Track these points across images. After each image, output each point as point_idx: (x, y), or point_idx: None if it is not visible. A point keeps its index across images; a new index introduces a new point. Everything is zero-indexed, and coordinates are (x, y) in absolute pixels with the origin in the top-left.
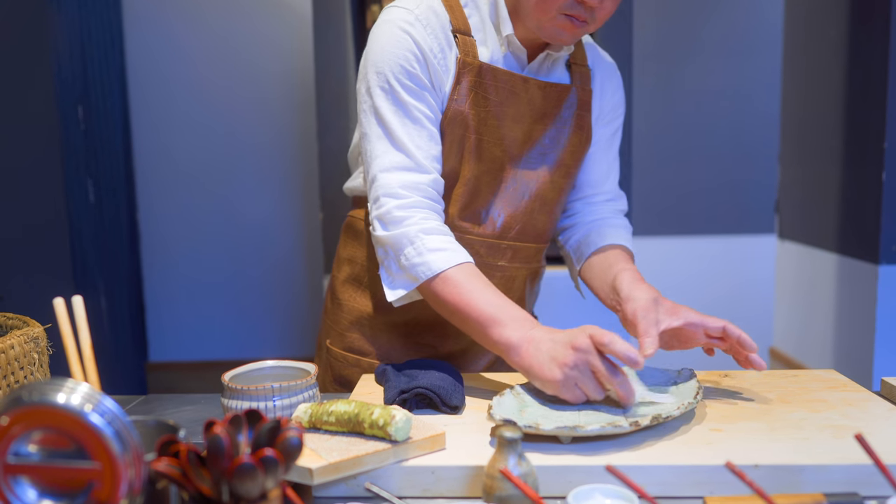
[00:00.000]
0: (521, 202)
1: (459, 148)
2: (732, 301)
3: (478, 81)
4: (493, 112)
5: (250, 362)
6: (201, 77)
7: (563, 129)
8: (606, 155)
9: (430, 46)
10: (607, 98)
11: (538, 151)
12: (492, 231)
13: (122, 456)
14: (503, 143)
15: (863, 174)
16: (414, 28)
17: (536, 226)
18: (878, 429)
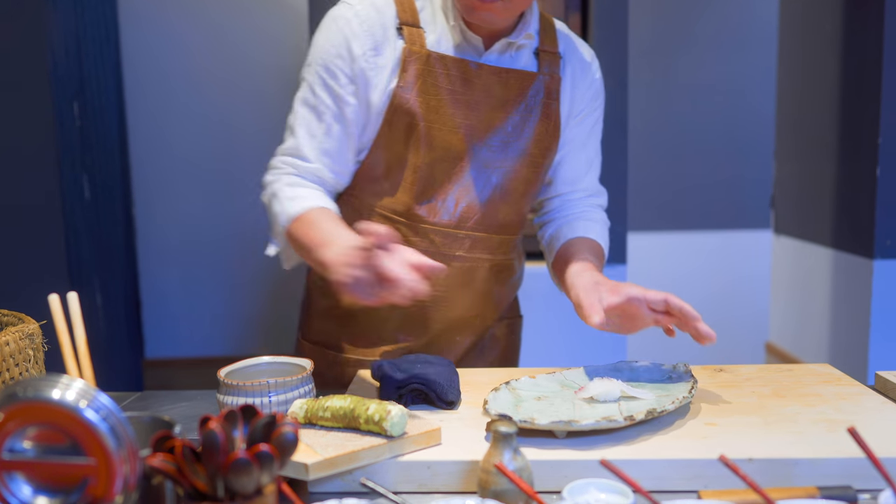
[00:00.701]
0: (482, 192)
1: (406, 136)
2: (728, 296)
3: (425, 70)
4: (445, 100)
5: (247, 359)
6: (197, 73)
7: (528, 118)
8: (584, 151)
9: (362, 43)
10: (581, 90)
11: (500, 140)
12: (448, 220)
13: (117, 452)
14: (458, 131)
15: (857, 169)
16: (349, 25)
17: (498, 216)
18: (871, 422)
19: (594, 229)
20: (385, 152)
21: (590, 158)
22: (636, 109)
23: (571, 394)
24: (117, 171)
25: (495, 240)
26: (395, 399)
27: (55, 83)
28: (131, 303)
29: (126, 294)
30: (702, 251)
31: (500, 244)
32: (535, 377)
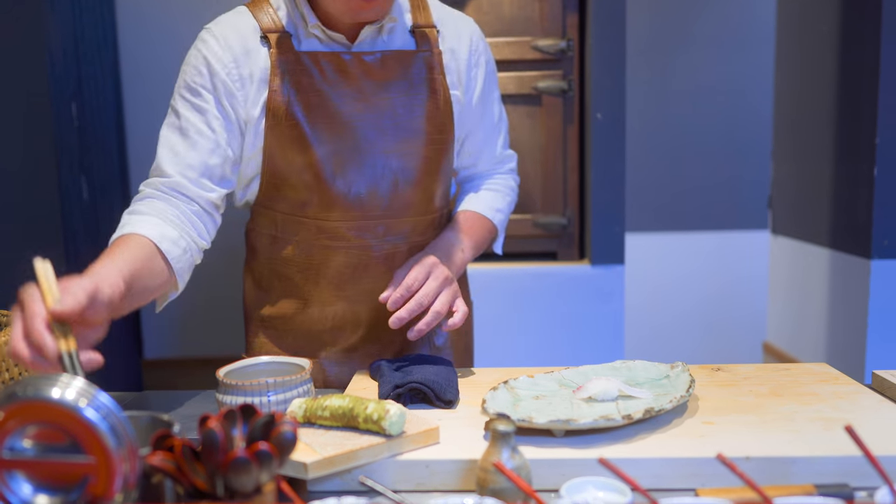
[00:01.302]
0: (383, 177)
1: (293, 138)
2: (726, 296)
3: (298, 70)
4: (326, 95)
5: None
6: None
7: (416, 97)
8: (482, 121)
9: (221, 58)
10: (461, 56)
11: (391, 123)
12: (356, 211)
13: (116, 450)
14: (348, 123)
15: (855, 170)
16: (206, 45)
17: (405, 198)
18: (868, 421)
19: (473, 202)
20: (278, 160)
21: (489, 126)
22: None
23: (570, 393)
24: (115, 172)
25: (408, 223)
26: (394, 398)
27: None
28: None
29: None
30: (699, 252)
31: (415, 226)
32: (533, 376)
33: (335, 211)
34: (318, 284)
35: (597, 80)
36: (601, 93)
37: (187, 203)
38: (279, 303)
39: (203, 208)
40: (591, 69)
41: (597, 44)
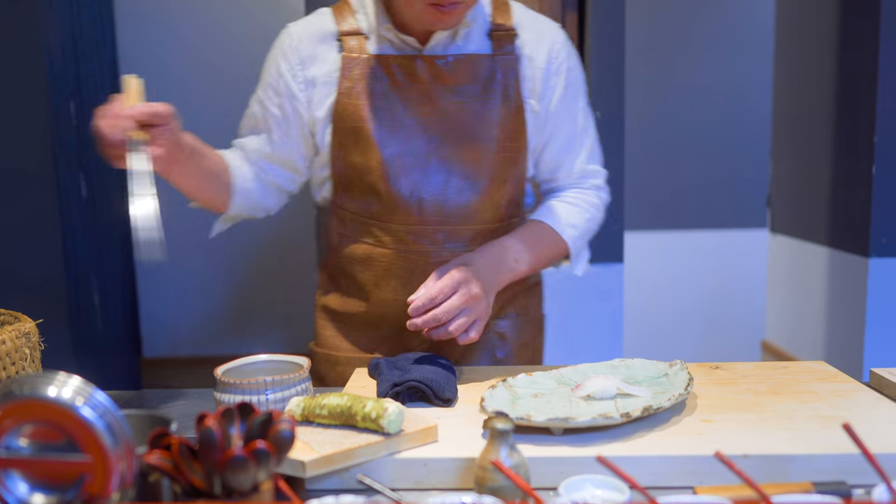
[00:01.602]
0: (445, 184)
1: (356, 140)
2: (725, 295)
3: (368, 73)
4: (393, 98)
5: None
6: (194, 71)
7: (487, 102)
8: (558, 132)
9: (289, 59)
10: (539, 63)
11: (460, 129)
12: (415, 216)
13: (113, 449)
14: (412, 128)
15: (853, 168)
16: (281, 44)
17: (468, 207)
18: (866, 418)
19: (546, 212)
20: (344, 161)
21: (567, 138)
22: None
23: (568, 391)
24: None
25: (467, 231)
26: (392, 397)
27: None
28: (129, 302)
29: (124, 293)
30: (698, 250)
31: (476, 234)
32: (531, 375)
33: (396, 214)
34: (377, 286)
35: (596, 78)
36: (600, 91)
37: (264, 173)
38: (346, 299)
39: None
40: (590, 68)
41: (596, 43)
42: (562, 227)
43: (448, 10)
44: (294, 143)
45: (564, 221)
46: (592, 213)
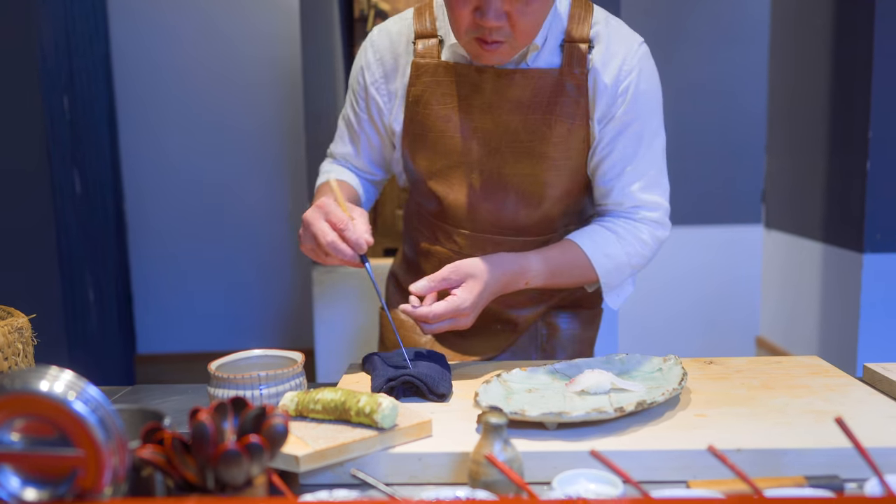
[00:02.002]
0: (497, 196)
1: (421, 145)
2: (719, 291)
3: (434, 81)
4: (455, 107)
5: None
6: (187, 66)
7: (550, 118)
8: (613, 154)
9: (373, 72)
10: (606, 80)
11: (516, 144)
12: (468, 223)
13: (105, 443)
14: (473, 137)
15: (848, 163)
16: (365, 55)
17: (518, 220)
18: (859, 413)
19: (585, 235)
20: (410, 161)
21: (622, 161)
22: None
23: (562, 386)
24: (108, 165)
25: (517, 242)
26: (387, 392)
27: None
28: (123, 298)
29: (118, 289)
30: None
31: (525, 246)
32: (525, 370)
33: (454, 219)
34: None
35: None
36: None
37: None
38: (408, 277)
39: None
40: None
41: None
42: (595, 256)
43: (490, 48)
44: (381, 146)
45: (601, 251)
46: (637, 248)
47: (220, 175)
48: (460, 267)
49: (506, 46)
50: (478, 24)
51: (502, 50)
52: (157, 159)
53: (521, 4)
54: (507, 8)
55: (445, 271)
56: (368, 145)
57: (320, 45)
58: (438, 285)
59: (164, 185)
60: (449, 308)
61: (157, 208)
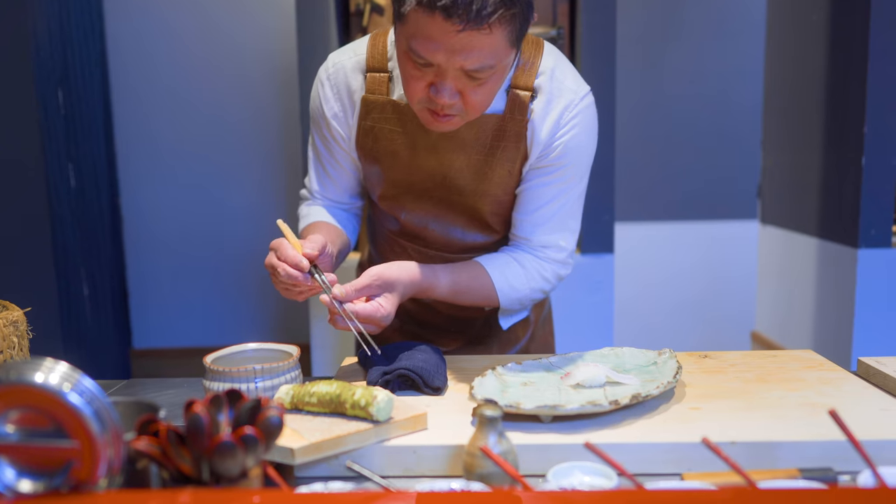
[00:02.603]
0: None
1: (372, 172)
2: (715, 286)
3: (382, 117)
4: (404, 143)
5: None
6: (183, 59)
7: (492, 160)
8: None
9: (332, 107)
10: (542, 134)
11: (462, 181)
12: (423, 242)
13: (101, 435)
14: (417, 173)
15: (843, 158)
16: (323, 88)
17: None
18: (852, 406)
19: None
20: (365, 182)
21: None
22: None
23: (557, 379)
24: (103, 159)
25: (468, 258)
26: (382, 385)
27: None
28: (118, 293)
29: (113, 284)
30: (689, 241)
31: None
32: (521, 363)
33: (404, 237)
34: None
35: (587, 68)
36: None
37: (335, 207)
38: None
39: (348, 206)
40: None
41: (587, 32)
42: (502, 287)
43: (442, 120)
44: (355, 170)
45: (507, 283)
46: (540, 284)
47: (216, 169)
48: (382, 276)
49: (457, 118)
50: (431, 98)
51: (454, 121)
52: (153, 153)
53: (474, 85)
54: (461, 87)
55: (367, 278)
56: (342, 173)
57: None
58: (360, 293)
59: (159, 180)
60: (369, 314)
61: (152, 203)
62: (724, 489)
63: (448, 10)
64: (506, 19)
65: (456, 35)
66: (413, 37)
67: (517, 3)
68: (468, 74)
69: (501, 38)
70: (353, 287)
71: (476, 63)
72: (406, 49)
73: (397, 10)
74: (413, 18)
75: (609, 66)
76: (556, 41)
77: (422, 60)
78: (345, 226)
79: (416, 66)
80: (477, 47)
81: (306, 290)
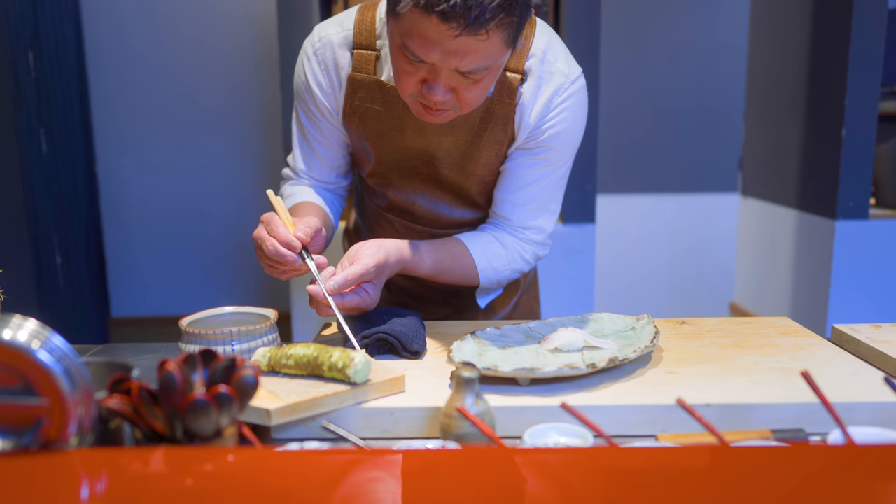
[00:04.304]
0: (434, 194)
1: (360, 150)
2: (696, 258)
3: (368, 97)
4: (392, 125)
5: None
6: (160, 23)
7: (479, 143)
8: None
9: (320, 82)
10: (530, 118)
11: (449, 162)
12: (410, 217)
13: (71, 393)
14: (405, 153)
15: (823, 131)
16: (310, 63)
17: (455, 219)
18: (825, 370)
19: (480, 243)
20: (354, 159)
21: (519, 187)
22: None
23: (536, 344)
24: (77, 125)
25: (454, 231)
26: (362, 349)
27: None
28: (95, 261)
29: (89, 252)
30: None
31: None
32: (500, 328)
33: (391, 212)
34: None
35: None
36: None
37: (321, 187)
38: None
39: (333, 186)
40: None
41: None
42: (483, 267)
43: (435, 114)
44: (344, 145)
45: (489, 264)
46: (519, 265)
47: (196, 136)
48: (378, 265)
49: (450, 112)
50: (423, 93)
51: (447, 115)
52: (131, 119)
53: (468, 83)
54: (454, 85)
55: (361, 267)
56: (329, 149)
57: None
58: (354, 283)
59: (137, 147)
60: (356, 304)
61: (131, 170)
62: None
63: (446, 14)
64: (504, 24)
65: (453, 39)
66: (408, 35)
67: (516, 9)
68: (463, 74)
69: (498, 42)
70: (344, 278)
71: (471, 65)
72: (400, 45)
73: (392, 6)
74: (409, 17)
75: (593, 39)
76: (541, 9)
77: (415, 58)
78: (330, 207)
79: (409, 62)
80: (473, 51)
81: (291, 271)
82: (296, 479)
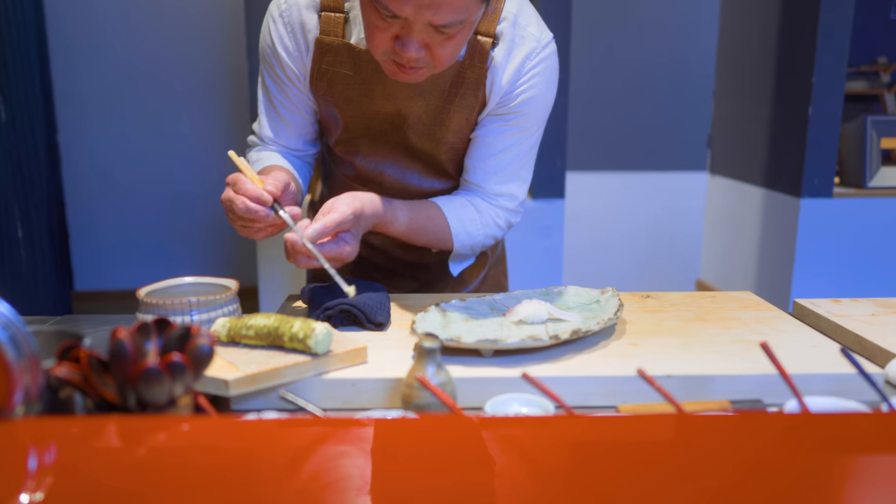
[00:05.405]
0: (402, 163)
1: (328, 116)
2: (663, 236)
3: (336, 60)
4: (360, 90)
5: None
6: None
7: (449, 107)
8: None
9: (286, 45)
10: (502, 82)
11: (419, 127)
12: (378, 188)
13: (16, 361)
14: (374, 119)
15: (791, 109)
16: (275, 25)
17: (422, 188)
18: (785, 343)
19: (454, 206)
20: (321, 126)
21: (491, 154)
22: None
23: (500, 316)
24: (37, 92)
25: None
26: (324, 321)
27: None
28: (58, 233)
29: (51, 224)
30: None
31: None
32: (465, 300)
33: (360, 181)
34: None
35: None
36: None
37: (288, 153)
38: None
39: (302, 152)
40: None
41: None
42: (457, 231)
43: (408, 72)
44: (311, 112)
45: (463, 228)
46: (493, 231)
47: (160, 106)
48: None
49: (424, 70)
50: (396, 50)
51: (420, 73)
52: (93, 86)
53: (442, 39)
54: (428, 41)
55: (339, 214)
56: (296, 115)
57: None
58: (335, 230)
59: (100, 115)
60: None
61: (93, 140)
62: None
63: None
64: None
65: None
66: None
67: None
68: (436, 29)
69: None
70: (323, 225)
71: (445, 18)
72: (371, 0)
73: None
74: None
75: (564, 15)
76: None
77: (388, 13)
78: (299, 172)
79: (381, 18)
80: (447, 3)
81: (265, 228)
82: (252, 449)
